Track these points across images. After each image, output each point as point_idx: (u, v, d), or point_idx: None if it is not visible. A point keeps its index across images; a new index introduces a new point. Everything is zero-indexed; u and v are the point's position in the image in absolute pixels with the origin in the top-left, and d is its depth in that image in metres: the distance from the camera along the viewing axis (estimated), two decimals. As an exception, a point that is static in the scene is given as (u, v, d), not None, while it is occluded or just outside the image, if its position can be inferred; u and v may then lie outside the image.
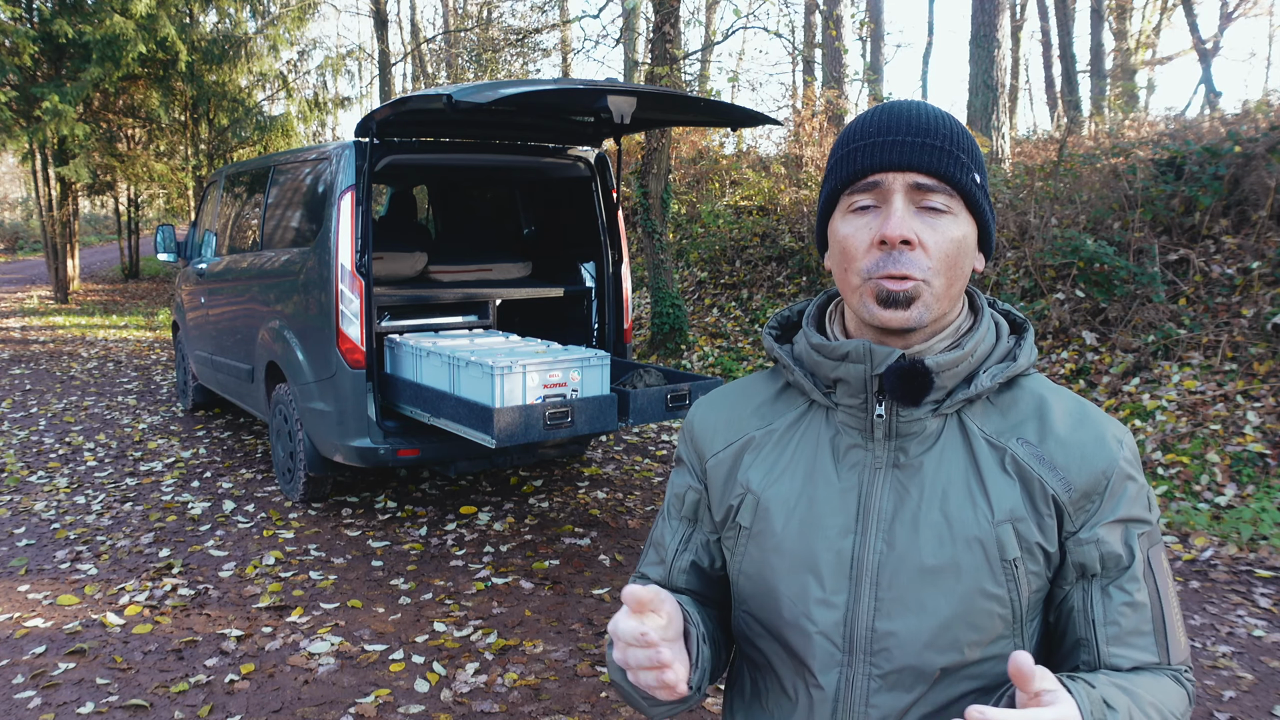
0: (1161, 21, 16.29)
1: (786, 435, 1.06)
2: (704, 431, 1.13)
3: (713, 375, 7.02)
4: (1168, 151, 6.58)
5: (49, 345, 10.75)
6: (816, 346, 1.02)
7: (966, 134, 0.98)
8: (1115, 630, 0.96)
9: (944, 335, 0.99)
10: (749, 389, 1.13)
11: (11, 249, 27.53)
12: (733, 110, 4.25)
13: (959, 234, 0.95)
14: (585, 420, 3.88)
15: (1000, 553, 0.95)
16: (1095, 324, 6.05)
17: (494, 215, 6.43)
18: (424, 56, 21.43)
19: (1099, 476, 0.96)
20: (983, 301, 1.05)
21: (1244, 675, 3.03)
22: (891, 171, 0.94)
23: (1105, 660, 0.97)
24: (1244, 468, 4.59)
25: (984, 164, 1.00)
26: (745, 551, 1.05)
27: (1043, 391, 1.02)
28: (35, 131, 12.47)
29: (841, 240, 0.97)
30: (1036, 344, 6.10)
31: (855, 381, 0.99)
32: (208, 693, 2.99)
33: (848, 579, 0.98)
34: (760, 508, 1.04)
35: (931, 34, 31.26)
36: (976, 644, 0.96)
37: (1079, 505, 0.96)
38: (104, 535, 4.45)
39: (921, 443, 0.99)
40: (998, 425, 0.99)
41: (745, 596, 1.07)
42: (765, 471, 1.05)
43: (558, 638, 3.39)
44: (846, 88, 13.71)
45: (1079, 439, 0.97)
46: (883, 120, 0.97)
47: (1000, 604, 0.95)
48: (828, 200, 1.01)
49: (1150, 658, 0.96)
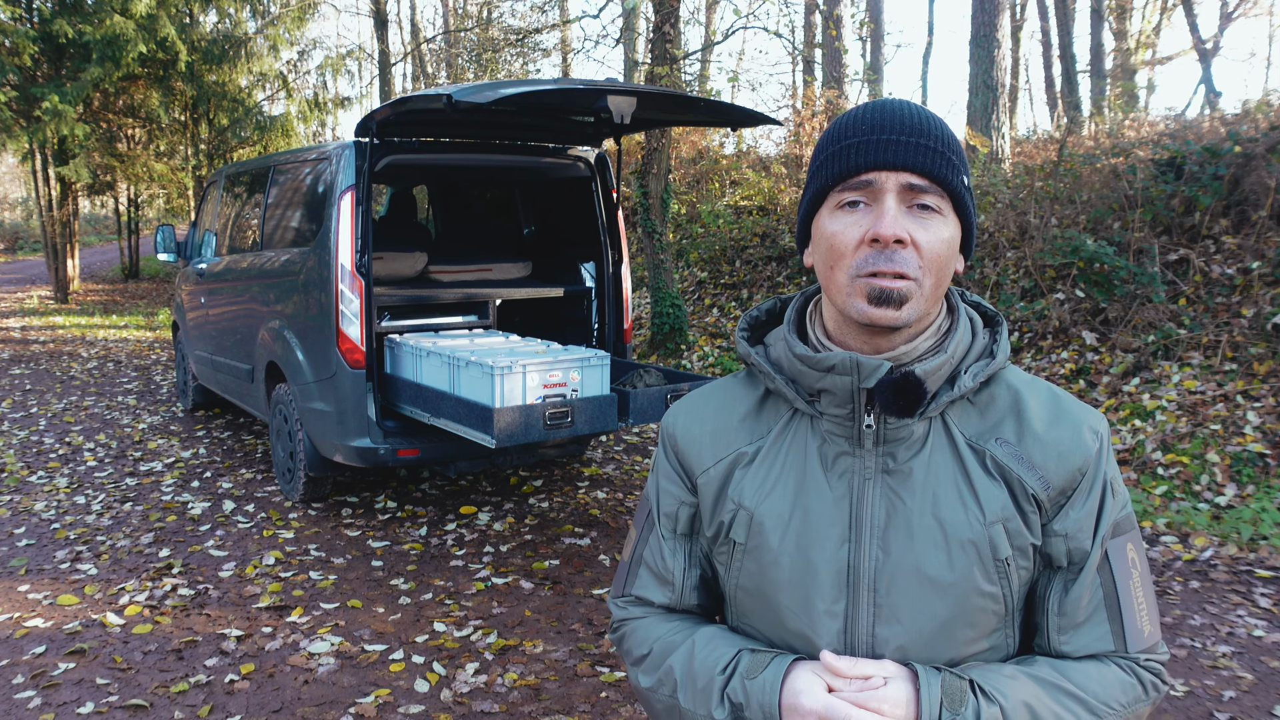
0: (1161, 21, 16.29)
1: (775, 447, 1.05)
2: (689, 445, 1.11)
3: (712, 375, 7.02)
4: (1168, 151, 6.58)
5: (49, 345, 10.76)
6: (800, 357, 1.01)
7: (954, 135, 0.99)
8: (1064, 620, 0.99)
9: (926, 335, 0.99)
10: (729, 396, 1.11)
11: (11, 249, 27.52)
12: (733, 110, 4.25)
13: (948, 234, 0.96)
14: (585, 420, 3.88)
15: (993, 553, 0.96)
16: (1095, 324, 6.05)
17: (494, 215, 6.43)
18: (424, 56, 21.43)
19: (1074, 473, 0.98)
20: (957, 299, 1.05)
21: (1244, 675, 3.03)
22: (885, 170, 0.94)
23: (1055, 647, 1.00)
24: (1244, 468, 4.59)
25: (969, 166, 1.02)
26: (741, 567, 1.05)
27: (1018, 386, 1.03)
28: (35, 131, 12.47)
29: (829, 237, 0.96)
30: (1037, 344, 6.15)
31: (841, 393, 0.99)
32: (208, 693, 2.99)
33: (846, 588, 0.99)
34: (754, 523, 1.03)
35: (931, 34, 31.24)
36: (973, 639, 0.98)
37: (1054, 500, 0.99)
38: (104, 535, 4.45)
39: (909, 448, 0.99)
40: (977, 427, 1.01)
41: (745, 610, 1.07)
42: (756, 486, 1.05)
43: (558, 638, 3.39)
44: (846, 88, 13.71)
45: (1056, 436, 0.99)
46: (875, 118, 0.96)
47: (994, 601, 0.97)
48: (815, 196, 1.00)
49: (1104, 646, 0.99)
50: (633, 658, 1.12)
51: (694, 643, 1.05)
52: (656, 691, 1.06)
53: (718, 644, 1.04)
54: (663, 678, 1.06)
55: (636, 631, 1.12)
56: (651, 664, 1.08)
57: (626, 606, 1.16)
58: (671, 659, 1.06)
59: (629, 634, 1.14)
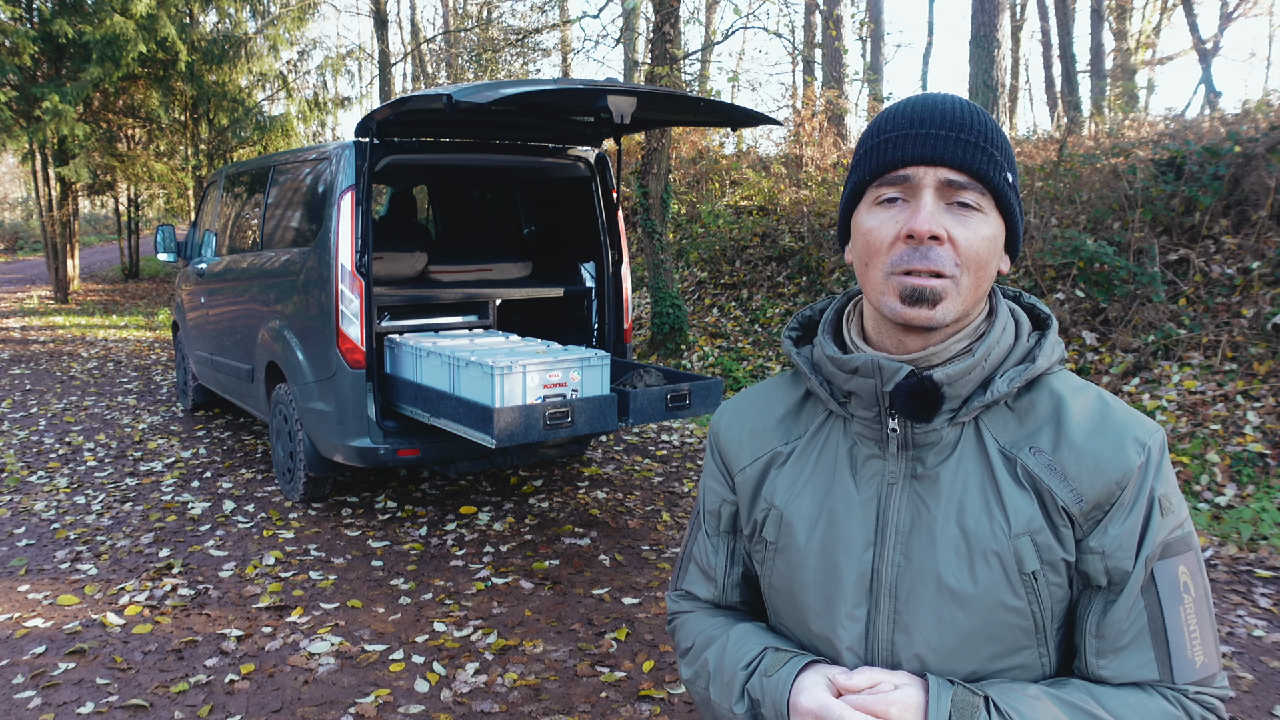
0: (1161, 21, 16.29)
1: (809, 448, 1.05)
2: (730, 444, 1.12)
3: (713, 375, 7.02)
4: (1168, 151, 6.58)
5: (49, 345, 10.75)
6: (830, 358, 1.00)
7: (1000, 131, 0.95)
8: (1103, 643, 0.94)
9: (960, 337, 0.96)
10: (773, 396, 1.12)
11: (11, 249, 27.53)
12: (733, 110, 4.25)
13: (989, 233, 0.92)
14: (585, 420, 3.88)
15: (1019, 566, 0.92)
16: (1095, 324, 6.05)
17: (494, 215, 6.43)
18: (424, 56, 21.43)
19: (1112, 487, 0.92)
20: (1000, 300, 1.01)
21: (1244, 675, 3.03)
22: (922, 165, 0.91)
23: (1093, 672, 0.94)
24: (1244, 468, 4.59)
25: (1015, 162, 0.97)
26: (773, 566, 1.06)
27: (1063, 393, 0.97)
28: (35, 131, 12.47)
29: (866, 233, 0.94)
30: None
31: (867, 396, 0.97)
32: (208, 693, 2.99)
33: (868, 592, 0.97)
34: (784, 523, 1.03)
35: (931, 34, 31.27)
36: (998, 655, 0.94)
37: (1089, 515, 0.93)
38: (104, 535, 4.45)
39: (939, 453, 0.97)
40: (1013, 434, 0.96)
41: (778, 609, 1.07)
42: (788, 486, 1.04)
43: (558, 638, 3.39)
44: (846, 88, 13.71)
45: (1095, 447, 0.93)
46: (915, 112, 0.93)
47: (1020, 616, 0.93)
48: (853, 192, 0.97)
49: (1147, 674, 0.93)
50: (680, 650, 1.16)
51: (728, 638, 1.07)
52: (694, 683, 1.10)
53: (748, 641, 1.05)
54: (699, 670, 1.09)
55: (685, 625, 1.16)
56: (692, 657, 1.11)
57: (678, 600, 1.20)
58: (707, 652, 1.08)
59: (679, 627, 1.18)
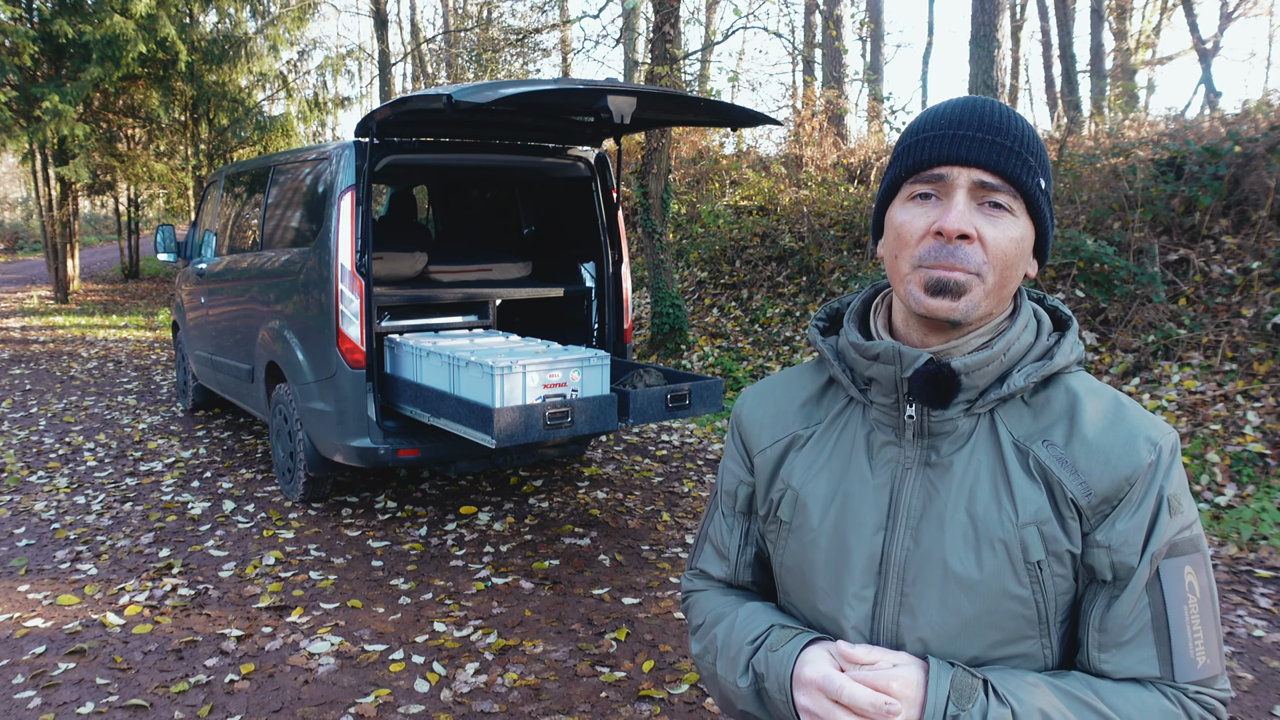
0: (1161, 21, 16.28)
1: (828, 432, 1.08)
2: (751, 426, 1.16)
3: (713, 375, 7.02)
4: (1168, 151, 6.58)
5: (49, 345, 10.75)
6: (853, 344, 1.04)
7: (1037, 138, 0.98)
8: (1105, 637, 0.95)
9: (981, 332, 0.99)
10: (796, 381, 1.15)
11: (11, 249, 27.52)
12: (733, 110, 4.25)
13: (1018, 234, 0.95)
14: (585, 420, 3.88)
15: (1024, 555, 0.95)
16: (1095, 324, 6.05)
17: (494, 215, 6.43)
18: (424, 56, 21.43)
19: (1121, 482, 0.94)
20: (1024, 301, 1.04)
21: (1244, 675, 3.03)
22: (957, 166, 0.94)
23: (1095, 665, 0.96)
24: (1244, 468, 4.59)
25: (1050, 170, 1.00)
26: (786, 545, 1.09)
27: (1079, 391, 1.00)
28: (35, 131, 12.47)
29: (897, 227, 0.98)
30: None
31: (886, 382, 1.01)
32: (208, 693, 2.99)
33: (876, 574, 1.00)
34: (799, 503, 1.07)
35: (931, 34, 31.24)
36: (1000, 643, 0.97)
37: (1097, 509, 0.95)
38: (104, 535, 4.45)
39: (953, 442, 1.00)
40: (1028, 428, 0.99)
41: (788, 589, 1.11)
42: (806, 468, 1.08)
43: (558, 638, 3.39)
44: (846, 88, 13.72)
45: (1106, 442, 0.96)
46: (955, 114, 0.97)
47: (1024, 605, 0.96)
48: (889, 187, 1.01)
49: (1148, 671, 0.94)
50: (691, 626, 1.19)
51: (737, 615, 1.10)
52: (703, 659, 1.13)
53: (756, 618, 1.08)
54: (708, 646, 1.12)
55: (698, 603, 1.20)
56: (702, 633, 1.15)
57: (692, 579, 1.23)
58: (717, 629, 1.12)
59: (692, 605, 1.21)
